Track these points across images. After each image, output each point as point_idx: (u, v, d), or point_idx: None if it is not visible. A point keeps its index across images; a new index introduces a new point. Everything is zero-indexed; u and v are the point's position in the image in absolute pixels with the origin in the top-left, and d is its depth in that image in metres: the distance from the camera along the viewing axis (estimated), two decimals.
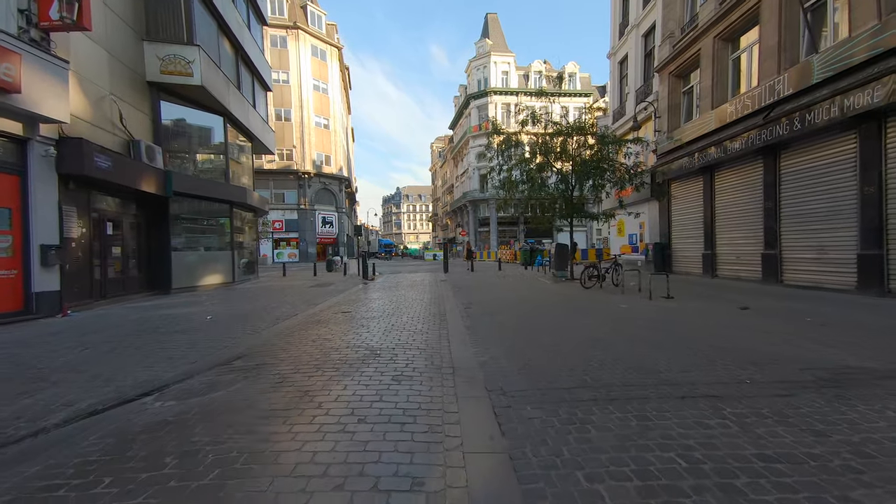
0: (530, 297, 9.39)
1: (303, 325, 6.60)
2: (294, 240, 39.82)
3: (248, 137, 15.46)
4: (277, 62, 38.83)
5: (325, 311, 7.93)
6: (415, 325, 6.35)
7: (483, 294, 10.27)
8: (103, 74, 9.19)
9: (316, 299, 9.86)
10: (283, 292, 11.66)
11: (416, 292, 10.85)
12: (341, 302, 9.22)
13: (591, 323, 6.11)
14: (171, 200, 10.94)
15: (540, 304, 8.27)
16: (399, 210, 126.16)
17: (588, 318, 6.49)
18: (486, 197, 45.36)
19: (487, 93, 45.06)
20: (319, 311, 7.96)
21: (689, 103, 14.03)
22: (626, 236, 18.27)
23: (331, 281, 15.36)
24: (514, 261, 29.13)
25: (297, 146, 39.40)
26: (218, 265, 12.72)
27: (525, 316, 7.02)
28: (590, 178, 12.12)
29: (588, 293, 9.76)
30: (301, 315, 7.55)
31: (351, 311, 7.82)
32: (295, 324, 6.73)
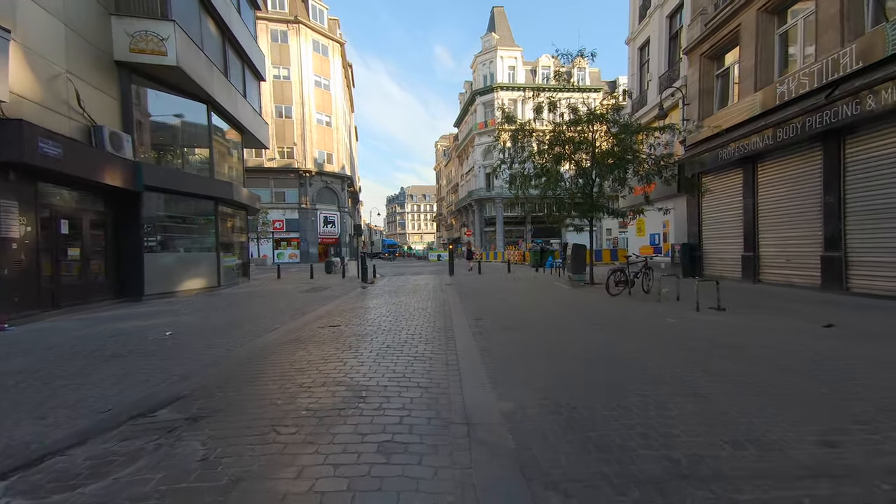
0: (551, 307, 8.04)
1: (278, 345, 5.31)
2: (295, 240, 38.76)
3: (237, 129, 14.25)
4: (278, 57, 37.80)
5: (310, 325, 6.65)
6: (415, 348, 5.03)
7: (494, 302, 8.95)
8: (58, 50, 7.98)
9: (305, 307, 8.60)
10: (270, 298, 10.41)
11: (419, 299, 9.55)
12: (333, 312, 7.94)
13: (643, 348, 4.74)
14: (144, 196, 9.72)
15: (566, 317, 6.92)
16: (403, 210, 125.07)
17: (637, 341, 5.11)
18: (492, 196, 43.98)
19: (494, 88, 43.70)
20: (304, 325, 6.67)
21: (724, 87, 12.59)
22: (646, 236, 16.83)
23: (327, 284, 14.10)
24: (522, 262, 27.74)
25: (297, 144, 38.34)
26: (200, 268, 11.49)
27: (551, 333, 5.68)
28: (613, 170, 10.73)
29: (618, 302, 8.39)
30: (281, 330, 6.26)
31: (340, 326, 6.53)
32: (270, 343, 5.44)
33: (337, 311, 8.01)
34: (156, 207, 10.32)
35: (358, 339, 5.56)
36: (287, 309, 8.53)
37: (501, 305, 8.48)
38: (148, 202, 9.95)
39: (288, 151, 38.33)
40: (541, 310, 7.80)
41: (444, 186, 72.24)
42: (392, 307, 8.40)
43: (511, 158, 12.14)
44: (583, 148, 11.46)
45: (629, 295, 9.24)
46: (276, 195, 38.48)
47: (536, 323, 6.51)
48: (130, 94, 9.61)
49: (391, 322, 6.73)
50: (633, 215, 11.64)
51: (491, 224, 44.52)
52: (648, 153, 10.96)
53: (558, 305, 8.29)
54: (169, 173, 10.47)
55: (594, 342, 5.11)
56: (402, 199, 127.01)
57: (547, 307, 8.13)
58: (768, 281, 10.44)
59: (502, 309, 8.00)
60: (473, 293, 10.70)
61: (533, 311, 7.71)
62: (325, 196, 40.82)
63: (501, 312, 7.58)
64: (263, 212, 34.84)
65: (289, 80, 38.22)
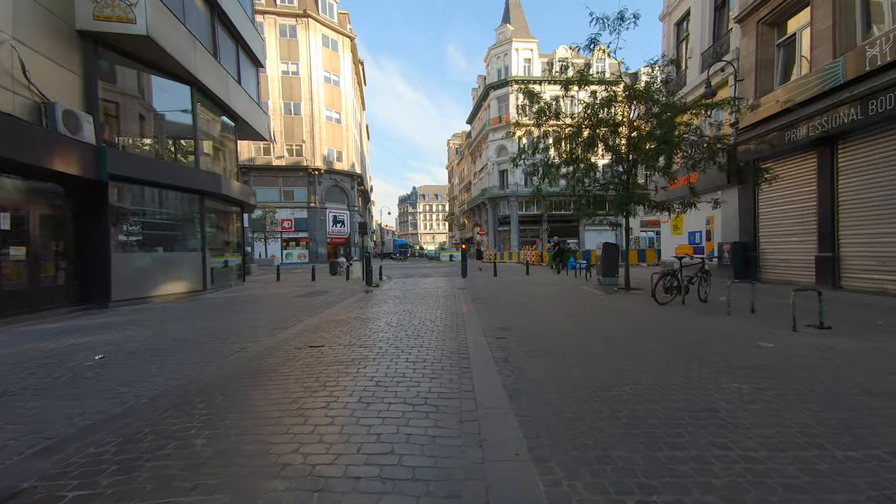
0: (588, 320, 6.41)
1: (235, 378, 3.85)
2: (304, 239, 37.84)
3: (230, 117, 12.98)
4: (286, 53, 36.91)
5: (287, 344, 5.19)
6: (415, 387, 3.50)
7: (516, 311, 7.36)
8: (1, 12, 6.73)
9: (291, 318, 7.17)
10: (258, 305, 9.05)
11: (427, 308, 8.03)
12: (322, 325, 6.48)
13: (772, 398, 3.06)
14: (112, 187, 8.45)
15: (614, 336, 5.25)
16: (415, 210, 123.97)
17: (746, 380, 3.39)
18: (506, 194, 42.23)
19: (508, 82, 41.93)
20: (280, 344, 5.22)
21: (788, 58, 10.71)
22: (684, 235, 14.95)
23: (327, 288, 12.72)
24: (539, 263, 25.99)
25: (306, 141, 37.38)
26: (182, 270, 10.20)
27: (603, 361, 4.06)
28: (658, 156, 9.03)
29: (673, 314, 6.71)
30: (247, 353, 4.81)
31: (323, 346, 5.05)
32: (227, 374, 3.98)
33: (327, 324, 6.54)
34: (128, 200, 9.06)
35: (340, 369, 4.06)
36: (269, 320, 7.11)
37: (526, 317, 6.88)
38: (117, 194, 8.68)
39: (297, 149, 37.39)
40: (577, 323, 6.17)
41: (457, 185, 70.70)
42: (394, 318, 6.90)
43: (534, 146, 10.51)
44: (619, 131, 9.79)
45: (683, 305, 7.53)
46: (285, 194, 37.60)
47: (577, 344, 4.90)
48: (95, 69, 8.35)
49: (389, 341, 5.21)
50: (678, 209, 9.87)
51: (505, 223, 42.78)
52: (701, 135, 9.19)
53: (597, 317, 6.65)
54: (142, 162, 9.19)
55: (675, 381, 3.47)
56: (413, 198, 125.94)
57: (584, 320, 6.49)
58: (853, 287, 8.56)
59: (528, 322, 6.41)
60: (490, 300, 9.12)
61: (567, 324, 6.10)
62: (334, 195, 39.78)
63: (527, 327, 5.99)
64: (271, 211, 33.96)
65: (297, 76, 37.28)
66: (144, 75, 9.51)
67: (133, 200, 9.18)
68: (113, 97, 8.95)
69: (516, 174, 42.48)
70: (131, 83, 9.42)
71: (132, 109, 9.49)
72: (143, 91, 9.66)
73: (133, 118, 9.57)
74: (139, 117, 9.67)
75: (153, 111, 9.97)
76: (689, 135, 9.05)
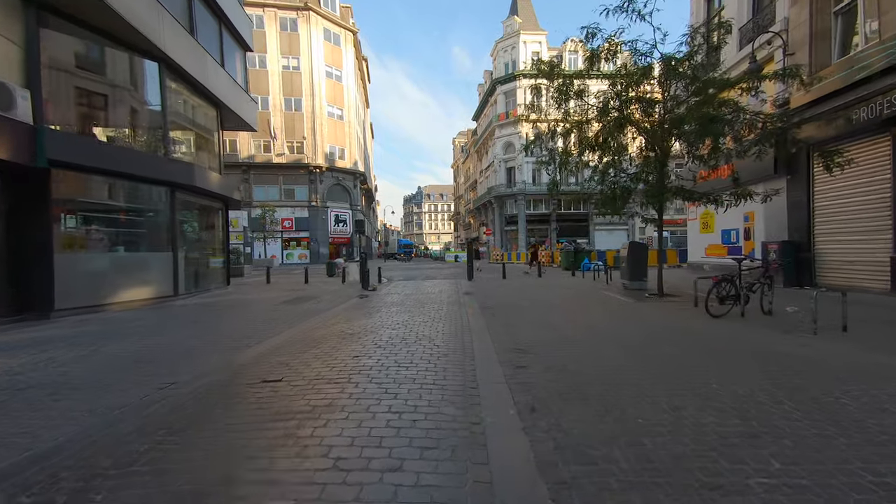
0: (629, 339, 4.96)
1: (126, 442, 2.50)
2: (305, 239, 36.75)
3: (210, 102, 11.72)
4: (287, 47, 35.82)
5: (242, 375, 3.85)
6: (397, 471, 2.12)
7: (534, 324, 5.96)
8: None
9: (263, 332, 5.85)
10: (231, 314, 7.74)
11: (427, 319, 6.66)
12: (294, 342, 5.13)
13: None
14: (55, 175, 7.19)
15: (676, 367, 3.82)
16: (420, 210, 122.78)
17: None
18: (513, 192, 40.78)
19: (516, 76, 40.52)
20: (233, 375, 3.88)
21: (848, 27, 9.20)
22: (715, 233, 13.43)
23: (318, 292, 11.41)
24: (549, 264, 24.49)
25: (307, 138, 36.25)
26: (147, 272, 8.92)
27: (680, 415, 2.63)
28: (702, 138, 7.58)
29: (740, 332, 5.27)
30: (180, 391, 3.46)
31: (282, 380, 3.71)
32: (122, 433, 2.64)
33: (301, 342, 5.20)
34: (78, 192, 7.81)
35: (289, 429, 2.71)
36: (234, 334, 5.80)
37: (547, 333, 5.48)
38: (62, 184, 7.41)
39: (298, 146, 36.30)
40: (616, 343, 4.75)
41: (462, 184, 69.33)
42: (385, 335, 5.53)
43: (551, 132, 9.10)
44: (652, 111, 8.35)
45: (743, 318, 6.08)
46: (286, 192, 36.54)
47: (627, 379, 3.48)
48: (38, 38, 7.09)
49: (371, 374, 3.85)
50: (729, 201, 8.39)
51: (512, 222, 41.33)
52: (756, 113, 7.72)
53: (640, 335, 5.22)
54: (94, 147, 7.91)
55: (839, 480, 2.06)
56: (419, 198, 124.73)
57: (622, 338, 5.07)
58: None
59: (551, 341, 5.00)
60: (501, 308, 7.73)
61: (601, 345, 4.68)
62: (336, 194, 38.65)
63: (553, 349, 4.59)
64: (271, 210, 32.84)
65: (298, 71, 36.18)
66: (102, 48, 8.25)
67: (86, 192, 7.93)
68: (62, 72, 7.70)
69: (524, 171, 40.99)
70: (86, 56, 8.17)
71: (87, 87, 8.23)
72: (100, 66, 8.40)
73: (87, 97, 8.31)
74: (96, 96, 8.40)
75: (113, 90, 8.70)
76: (741, 113, 7.58)
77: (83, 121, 8.16)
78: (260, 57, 35.43)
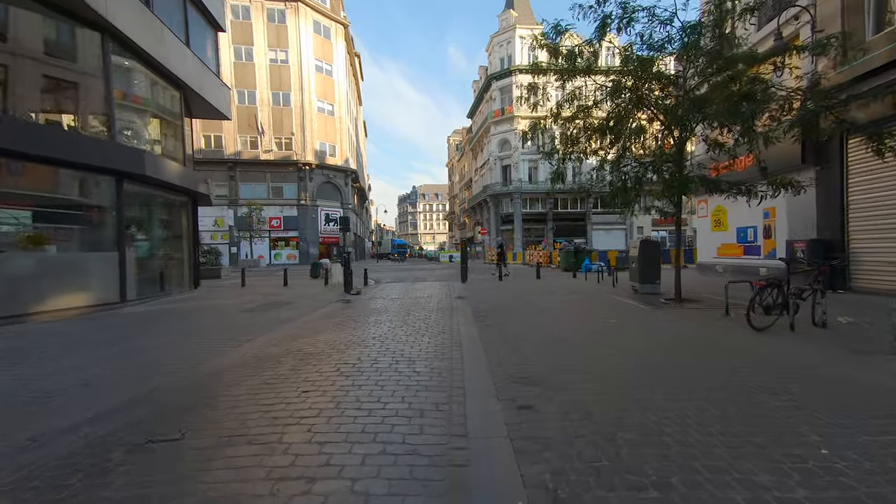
0: (668, 364, 3.79)
1: None
2: (294, 239, 35.42)
3: (172, 84, 10.45)
4: (275, 39, 34.47)
5: (124, 431, 2.62)
6: None
7: (540, 342, 4.82)
8: None
9: (203, 353, 4.63)
10: (182, 324, 6.53)
11: (411, 332, 5.50)
12: (233, 369, 3.94)
13: None
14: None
15: (758, 404, 2.66)
16: (415, 210, 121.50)
17: None
18: (509, 190, 39.73)
19: (512, 71, 39.45)
20: (112, 433, 2.68)
21: (881, 1, 8.19)
22: (729, 230, 12.39)
23: (295, 297, 10.23)
24: (548, 264, 23.45)
25: (296, 134, 34.91)
26: (87, 276, 7.66)
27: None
28: (733, 119, 6.49)
29: (798, 352, 4.18)
30: (11, 462, 2.28)
31: (182, 437, 2.54)
32: None
33: (243, 368, 4.02)
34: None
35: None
36: (170, 355, 4.62)
37: (556, 352, 4.35)
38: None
39: (286, 142, 34.96)
40: (648, 370, 3.61)
41: (457, 183, 68.23)
42: (354, 355, 4.37)
43: (555, 115, 8.01)
44: (671, 91, 7.28)
45: (793, 331, 5.00)
46: (274, 190, 35.19)
47: (685, 437, 2.33)
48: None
49: (317, 421, 2.69)
50: (764, 192, 7.32)
51: (508, 222, 40.27)
52: (791, 90, 6.66)
53: (672, 356, 4.09)
54: (10, 126, 6.64)
55: None
56: (413, 198, 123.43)
57: (655, 362, 3.92)
58: None
59: (563, 365, 3.86)
60: (499, 316, 6.59)
61: (632, 374, 3.53)
62: (327, 192, 37.32)
63: (567, 377, 3.45)
64: (258, 208, 31.50)
65: (287, 65, 34.84)
66: (29, 12, 7.00)
67: (3, 181, 6.67)
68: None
69: (520, 169, 39.92)
70: (4, 21, 6.90)
71: (5, 57, 6.95)
72: (25, 32, 7.13)
73: (5, 69, 7.02)
74: (19, 68, 7.11)
75: (41, 61, 7.43)
76: (776, 90, 6.51)
77: (7, 96, 6.89)
78: (246, 49, 34.09)
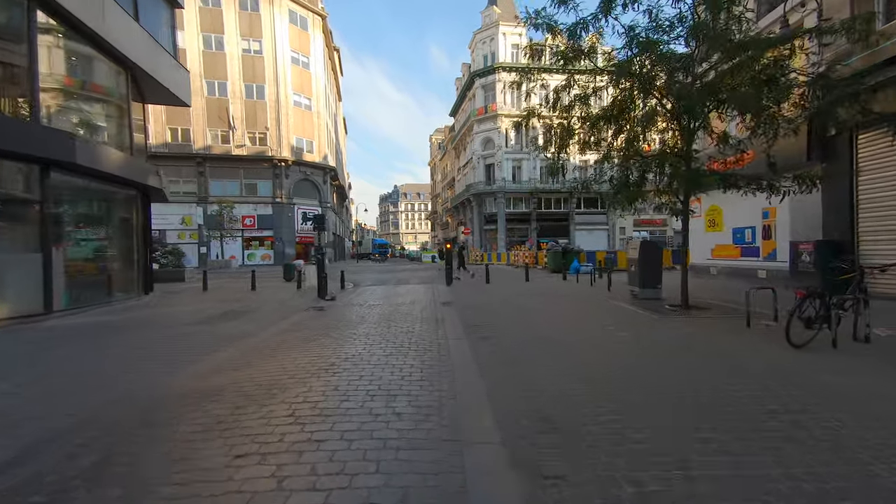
0: (709, 394, 2.97)
1: None
2: (269, 238, 33.71)
3: (116, 62, 9.10)
4: (247, 28, 32.69)
5: None
6: None
7: (548, 361, 3.91)
8: None
9: (110, 387, 3.51)
10: (106, 346, 5.34)
11: (391, 351, 4.53)
12: (152, 410, 2.88)
13: None
14: None
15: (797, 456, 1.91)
16: (397, 209, 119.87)
17: None
18: (492, 189, 39.07)
19: (495, 69, 38.85)
20: None
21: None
22: (725, 231, 11.92)
23: (258, 305, 9.08)
24: (534, 265, 22.82)
25: (271, 128, 33.23)
26: (2, 283, 6.37)
27: None
28: (754, 105, 5.81)
29: (860, 375, 3.47)
30: None
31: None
32: None
33: (173, 408, 2.96)
34: None
35: None
36: (55, 400, 3.51)
37: (571, 374, 3.49)
38: None
39: (260, 137, 33.23)
40: (692, 407, 2.77)
41: (440, 182, 67.32)
42: (317, 387, 3.37)
43: (556, 96, 7.20)
44: (682, 73, 6.57)
45: (835, 349, 4.31)
46: (247, 187, 33.39)
47: None
48: None
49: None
50: (788, 188, 6.67)
51: (492, 221, 39.63)
52: (811, 75, 6.05)
53: (707, 383, 3.29)
54: None
55: None
56: (395, 197, 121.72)
57: (701, 398, 3.11)
58: None
59: (585, 396, 2.98)
60: (492, 328, 5.70)
61: (675, 410, 2.68)
62: (304, 189, 35.73)
63: (589, 416, 2.56)
64: (229, 206, 29.73)
65: (261, 55, 33.11)
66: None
67: None
68: None
69: (504, 168, 39.29)
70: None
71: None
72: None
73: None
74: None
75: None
76: (799, 74, 5.88)
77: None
78: (217, 38, 32.23)
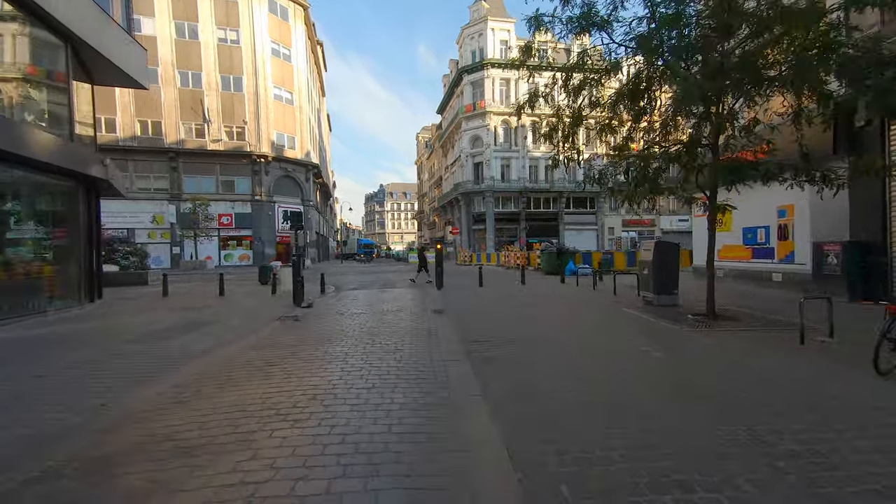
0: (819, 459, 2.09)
1: None
2: (247, 238, 32.00)
3: (52, 31, 7.76)
4: (224, 17, 30.95)
5: None
6: None
7: (571, 398, 2.93)
8: None
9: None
10: (7, 374, 4.11)
11: (373, 381, 3.45)
12: (17, 493, 1.79)
13: None
14: None
15: None
16: (383, 208, 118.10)
17: None
18: (481, 188, 38.20)
19: (483, 65, 38.01)
20: None
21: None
22: (733, 231, 11.22)
23: (223, 314, 7.87)
24: (526, 266, 21.95)
25: (250, 122, 31.54)
26: None
27: None
28: (814, 78, 4.96)
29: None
30: None
31: None
32: None
33: (53, 484, 1.86)
34: None
35: None
36: None
37: (622, 431, 2.51)
38: None
39: (238, 132, 31.48)
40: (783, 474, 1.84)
41: (427, 181, 66.20)
42: (270, 447, 2.28)
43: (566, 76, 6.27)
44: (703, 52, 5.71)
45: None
46: (224, 184, 31.60)
47: None
48: None
49: None
50: (840, 180, 5.88)
51: (480, 221, 38.74)
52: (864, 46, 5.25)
53: (817, 439, 2.37)
54: None
55: None
56: (381, 196, 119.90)
57: (780, 450, 2.18)
58: None
59: (624, 445, 2.01)
60: (496, 344, 4.70)
61: (760, 475, 1.75)
62: (285, 187, 34.12)
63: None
64: (203, 204, 28.00)
65: (238, 46, 31.39)
66: None
67: None
68: None
69: (492, 167, 38.47)
70: None
71: None
72: None
73: None
74: None
75: None
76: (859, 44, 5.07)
77: None
78: (190, 26, 30.42)
